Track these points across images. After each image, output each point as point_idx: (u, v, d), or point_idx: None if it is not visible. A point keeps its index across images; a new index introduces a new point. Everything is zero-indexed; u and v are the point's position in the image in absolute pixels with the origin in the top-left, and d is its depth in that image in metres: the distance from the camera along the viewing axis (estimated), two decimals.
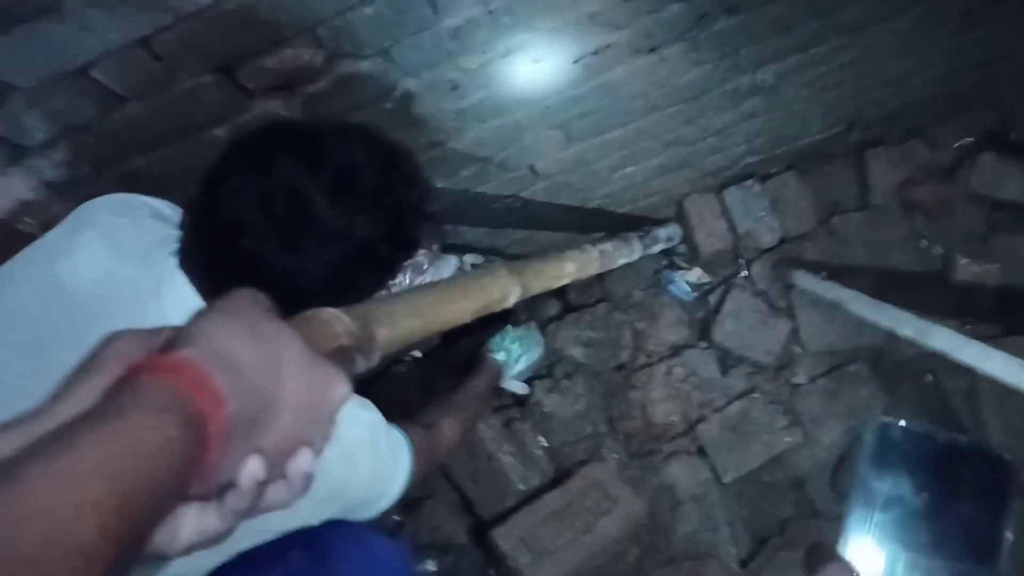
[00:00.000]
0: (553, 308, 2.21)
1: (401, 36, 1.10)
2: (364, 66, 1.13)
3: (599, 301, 2.22)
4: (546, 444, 2.05)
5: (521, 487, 1.91)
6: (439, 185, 1.55)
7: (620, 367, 2.20)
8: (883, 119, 2.02)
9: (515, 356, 1.78)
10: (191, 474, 0.40)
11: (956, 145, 2.06)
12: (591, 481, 1.93)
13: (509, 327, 1.83)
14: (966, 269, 2.00)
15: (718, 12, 1.32)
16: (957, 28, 1.65)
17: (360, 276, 0.85)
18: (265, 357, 0.45)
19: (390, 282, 0.91)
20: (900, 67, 1.74)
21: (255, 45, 1.03)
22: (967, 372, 1.96)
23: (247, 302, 0.48)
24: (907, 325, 1.65)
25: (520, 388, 1.87)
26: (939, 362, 2.01)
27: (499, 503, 1.90)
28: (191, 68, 1.02)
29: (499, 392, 1.83)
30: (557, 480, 1.95)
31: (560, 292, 2.23)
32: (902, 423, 1.39)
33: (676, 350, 2.19)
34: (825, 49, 1.56)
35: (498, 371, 1.74)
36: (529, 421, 2.04)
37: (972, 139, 2.06)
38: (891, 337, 1.97)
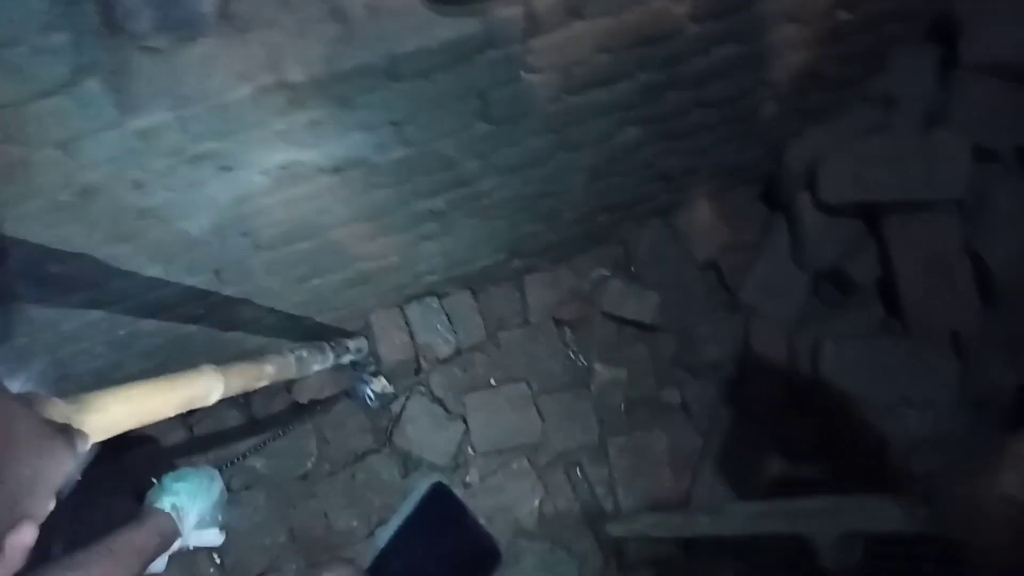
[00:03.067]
0: (235, 419, 2.17)
1: (83, 131, 1.11)
2: (41, 155, 1.11)
3: (285, 411, 2.23)
4: (220, 561, 1.96)
5: None
6: (120, 280, 1.51)
7: (303, 476, 2.21)
8: (538, 250, 2.38)
9: (186, 498, 1.37)
10: None
11: (593, 273, 2.50)
12: None
13: (165, 475, 1.42)
14: (601, 374, 2.38)
15: (395, 143, 1.52)
16: (587, 178, 2.06)
17: None
18: None
19: None
20: (546, 206, 2.10)
21: None
22: (604, 463, 2.32)
23: None
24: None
25: (212, 539, 1.44)
26: (582, 455, 2.34)
27: None
28: None
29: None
30: None
31: (245, 403, 2.20)
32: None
33: (359, 456, 2.26)
34: (485, 184, 1.84)
35: (166, 524, 1.31)
36: None
37: (605, 270, 2.51)
38: (547, 428, 2.28)
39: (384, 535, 0.54)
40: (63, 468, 0.50)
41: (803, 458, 2.22)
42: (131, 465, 1.90)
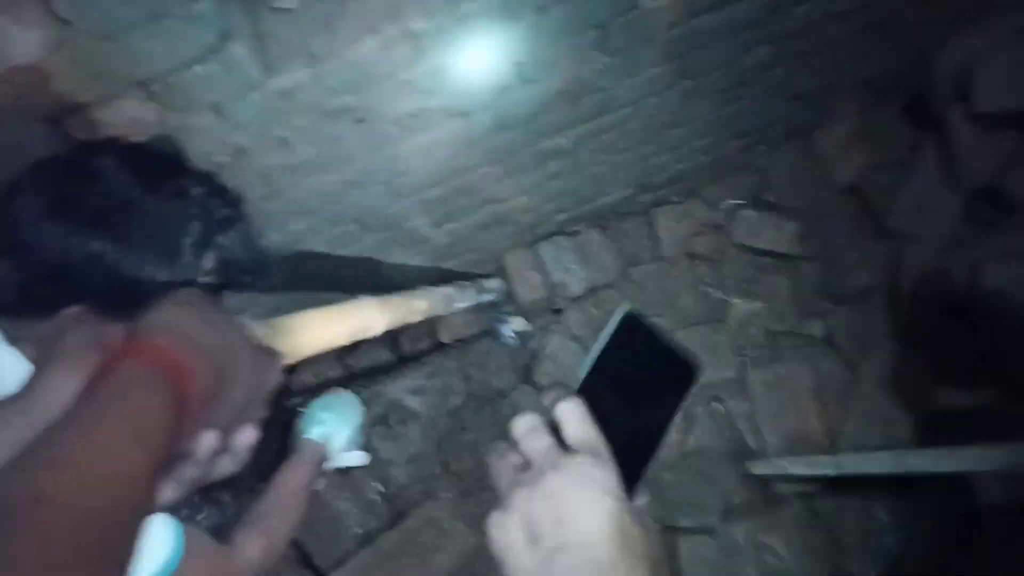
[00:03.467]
0: (385, 358, 2.31)
1: (231, 94, 1.21)
2: (197, 120, 1.23)
3: (431, 350, 2.35)
4: (383, 489, 2.13)
5: (358, 531, 1.98)
6: (270, 234, 1.64)
7: (453, 412, 2.33)
8: (666, 182, 2.35)
9: (333, 426, 1.51)
10: (174, 444, 0.46)
11: (726, 204, 2.43)
12: (426, 519, 2.02)
13: (312, 402, 1.56)
14: (739, 307, 2.34)
15: (517, 84, 1.55)
16: (716, 105, 2.00)
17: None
18: (220, 341, 0.51)
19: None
20: (674, 136, 2.06)
21: (86, 97, 1.10)
22: (746, 398, 2.29)
23: (194, 296, 0.54)
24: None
25: (357, 459, 1.59)
26: (723, 390, 2.32)
27: (337, 549, 1.95)
28: (20, 117, 1.07)
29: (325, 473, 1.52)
30: (394, 521, 2.03)
31: (393, 342, 2.34)
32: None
33: (503, 393, 2.36)
34: (610, 119, 1.84)
35: (319, 453, 1.47)
36: (365, 468, 2.11)
37: (738, 199, 2.44)
38: None
39: (585, 363, 0.57)
40: (272, 379, 0.56)
41: (966, 384, 2.10)
42: (279, 396, 2.08)
